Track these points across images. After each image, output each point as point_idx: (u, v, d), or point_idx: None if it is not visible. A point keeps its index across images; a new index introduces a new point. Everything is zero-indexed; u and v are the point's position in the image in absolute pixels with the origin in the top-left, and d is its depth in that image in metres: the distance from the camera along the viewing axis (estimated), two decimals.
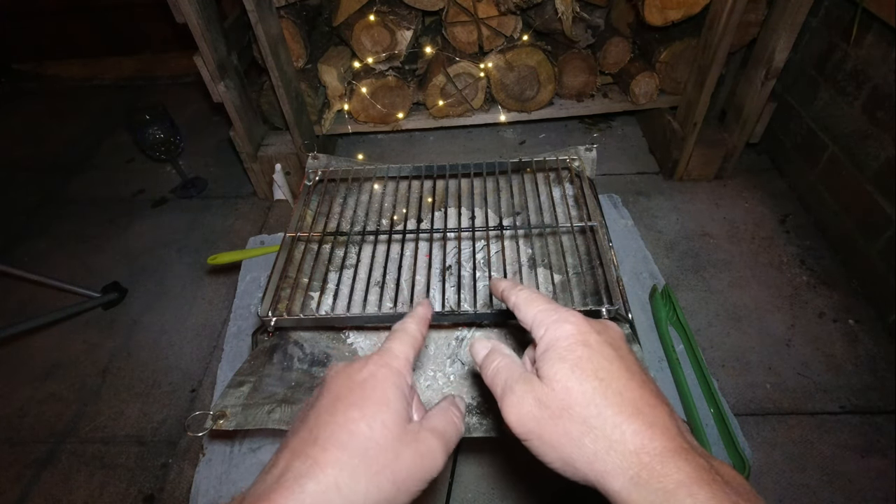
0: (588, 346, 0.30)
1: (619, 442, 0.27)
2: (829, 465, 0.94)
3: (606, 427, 0.27)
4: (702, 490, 0.24)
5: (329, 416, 0.30)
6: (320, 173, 0.79)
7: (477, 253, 0.77)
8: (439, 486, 0.93)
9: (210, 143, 1.83)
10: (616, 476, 0.26)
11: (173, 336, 1.24)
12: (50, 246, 1.51)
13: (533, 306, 0.34)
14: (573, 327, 0.31)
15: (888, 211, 1.11)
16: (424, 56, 1.49)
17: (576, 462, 0.28)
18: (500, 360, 0.34)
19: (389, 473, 0.28)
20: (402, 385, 0.32)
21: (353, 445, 0.28)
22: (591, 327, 0.32)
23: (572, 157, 0.78)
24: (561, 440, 0.29)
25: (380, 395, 0.31)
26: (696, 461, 0.26)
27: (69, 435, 1.08)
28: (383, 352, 0.34)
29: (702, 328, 1.15)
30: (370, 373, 0.32)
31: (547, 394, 0.29)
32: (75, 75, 2.30)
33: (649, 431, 0.27)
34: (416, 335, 0.36)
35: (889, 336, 1.11)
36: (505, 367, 0.33)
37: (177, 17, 1.16)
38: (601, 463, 0.27)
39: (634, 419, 0.27)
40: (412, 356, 0.35)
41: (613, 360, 0.30)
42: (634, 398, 0.28)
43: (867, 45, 1.17)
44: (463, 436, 0.36)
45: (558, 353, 0.30)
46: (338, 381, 0.32)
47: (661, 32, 1.40)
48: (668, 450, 0.26)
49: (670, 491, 0.24)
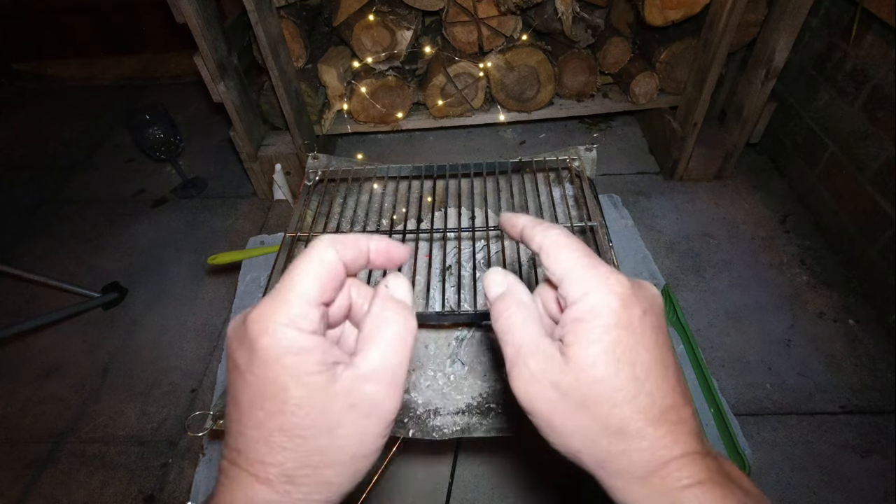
0: (631, 330, 0.25)
1: (637, 449, 0.25)
2: (829, 465, 0.94)
3: (627, 432, 0.25)
4: (710, 493, 0.24)
5: (238, 426, 0.24)
6: (320, 173, 0.79)
7: (477, 253, 0.77)
8: (439, 486, 0.93)
9: (210, 143, 1.83)
10: (624, 477, 0.25)
11: (173, 336, 1.24)
12: (50, 246, 1.51)
13: (566, 253, 0.28)
14: (618, 301, 0.25)
15: (888, 211, 1.11)
16: (424, 56, 1.49)
17: (582, 455, 0.26)
18: (514, 310, 0.28)
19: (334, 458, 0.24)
20: (296, 343, 0.23)
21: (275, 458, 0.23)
22: (637, 301, 0.26)
23: (572, 157, 0.78)
24: (573, 433, 0.26)
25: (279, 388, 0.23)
26: (710, 464, 0.25)
27: (69, 435, 1.08)
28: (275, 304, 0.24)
29: (702, 328, 1.15)
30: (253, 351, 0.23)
31: (569, 381, 0.25)
32: (75, 75, 2.30)
33: (671, 438, 0.25)
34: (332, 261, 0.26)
35: (889, 336, 1.11)
36: (521, 324, 0.28)
37: (177, 17, 1.16)
38: (612, 464, 0.25)
39: (659, 425, 0.25)
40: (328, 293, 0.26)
41: (652, 351, 0.25)
42: (664, 401, 0.25)
43: (867, 45, 1.17)
44: (463, 435, 0.33)
45: (595, 333, 0.25)
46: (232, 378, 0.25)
47: (661, 32, 1.40)
48: (686, 455, 0.25)
49: (677, 494, 0.24)
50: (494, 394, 0.61)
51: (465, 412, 0.59)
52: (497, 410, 0.59)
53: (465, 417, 0.58)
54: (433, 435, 0.58)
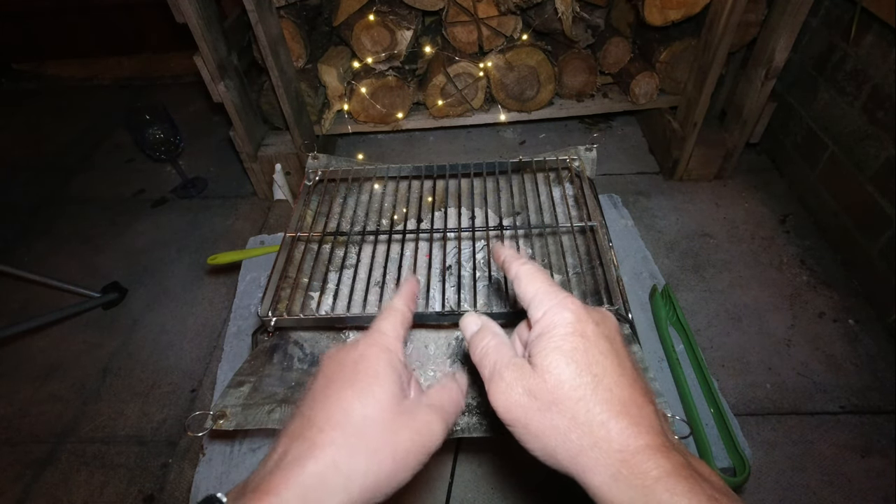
0: (585, 338, 0.29)
1: (604, 440, 0.27)
2: (829, 465, 0.94)
3: (593, 424, 0.27)
4: (679, 484, 0.25)
5: (323, 398, 0.30)
6: (320, 173, 0.79)
7: (477, 253, 0.77)
8: (439, 486, 0.93)
9: (210, 143, 1.83)
10: (597, 471, 0.27)
11: (173, 336, 1.24)
12: (50, 246, 1.51)
13: (534, 283, 0.33)
14: (572, 315, 0.30)
15: (888, 211, 1.11)
16: (424, 56, 1.49)
17: (558, 454, 0.28)
18: (489, 339, 0.33)
19: (388, 450, 0.29)
20: (394, 361, 0.32)
21: (348, 425, 0.29)
22: (589, 317, 0.31)
23: (572, 157, 0.78)
24: (546, 432, 0.28)
25: (372, 373, 0.31)
26: (675, 458, 0.26)
27: (69, 435, 1.08)
28: (373, 331, 0.34)
29: (702, 328, 1.15)
30: (360, 353, 0.32)
31: (538, 384, 0.29)
32: (75, 75, 2.30)
33: (634, 430, 0.27)
34: (404, 311, 0.36)
35: (889, 336, 1.11)
36: (494, 349, 0.33)
37: (177, 17, 1.16)
38: (584, 458, 0.27)
39: (621, 418, 0.27)
40: (402, 332, 0.35)
41: (608, 355, 0.29)
42: (624, 396, 0.28)
43: (867, 45, 1.17)
44: (463, 435, 0.37)
45: (554, 341, 0.30)
46: (330, 365, 0.32)
47: (661, 32, 1.40)
48: (650, 447, 0.26)
49: (648, 486, 0.25)
50: None
51: (466, 412, 0.59)
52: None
53: (465, 417, 0.58)
54: None
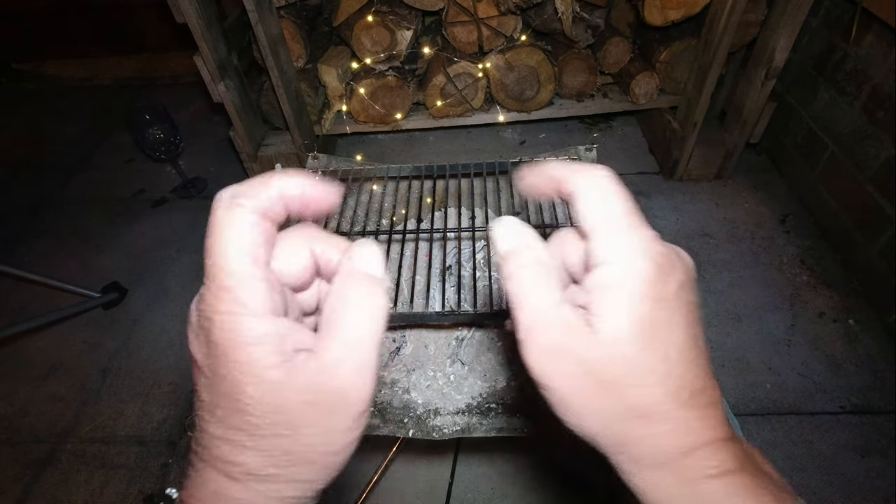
0: (665, 305, 0.22)
1: (663, 433, 0.22)
2: (829, 465, 0.94)
3: (654, 415, 0.22)
4: (741, 482, 0.22)
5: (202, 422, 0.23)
6: (320, 173, 0.79)
7: (477, 253, 0.77)
8: (439, 486, 0.93)
9: (210, 143, 1.83)
10: (645, 461, 0.23)
11: (173, 336, 1.24)
12: (50, 246, 1.51)
13: (607, 202, 0.24)
14: (655, 269, 0.23)
15: (888, 211, 1.11)
16: (424, 56, 1.49)
17: (599, 437, 0.23)
18: (532, 268, 0.24)
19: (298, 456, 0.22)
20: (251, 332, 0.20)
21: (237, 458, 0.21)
22: (674, 272, 0.23)
23: (572, 157, 0.78)
24: (592, 412, 0.23)
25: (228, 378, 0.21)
26: (736, 451, 0.23)
27: (69, 435, 1.08)
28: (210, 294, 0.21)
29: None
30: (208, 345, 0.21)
31: (595, 356, 0.22)
32: (75, 75, 2.30)
33: (700, 423, 0.23)
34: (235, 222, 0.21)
35: (889, 336, 1.11)
36: (539, 286, 0.24)
37: (177, 17, 1.16)
38: (633, 447, 0.23)
39: (688, 409, 0.22)
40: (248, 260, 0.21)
41: (685, 329, 0.23)
42: (694, 383, 0.23)
43: (867, 45, 1.17)
44: (463, 435, 0.31)
45: (626, 301, 0.22)
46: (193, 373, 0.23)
47: (661, 32, 1.40)
48: (714, 440, 0.23)
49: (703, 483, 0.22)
50: (494, 394, 0.61)
51: (465, 412, 0.59)
52: (497, 410, 0.59)
53: (465, 417, 0.59)
54: (433, 435, 0.58)
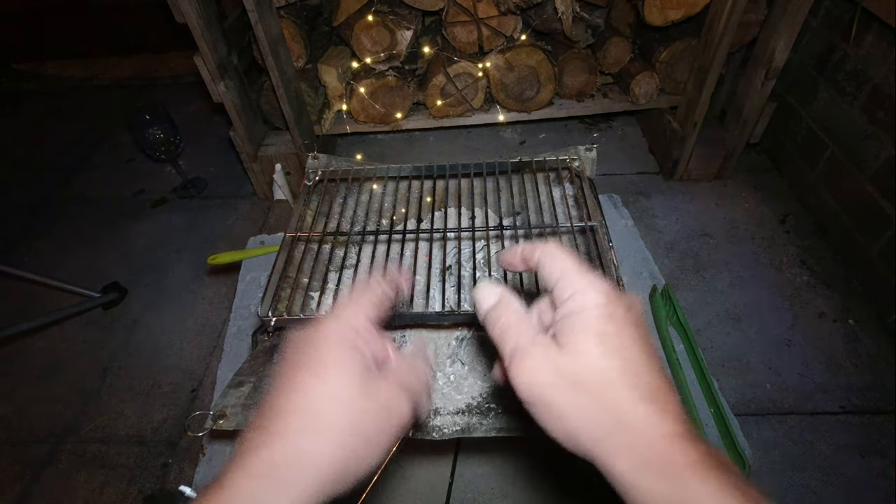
0: (614, 321, 0.29)
1: (631, 425, 0.26)
2: (829, 465, 0.94)
3: (621, 408, 0.27)
4: (708, 474, 0.24)
5: (284, 384, 0.30)
6: (320, 173, 0.79)
7: (477, 253, 0.77)
8: (439, 486, 0.93)
9: (210, 143, 1.83)
10: (621, 456, 0.26)
11: (173, 336, 1.24)
12: (50, 246, 1.51)
13: (561, 262, 0.32)
14: (603, 297, 0.29)
15: (888, 211, 1.11)
16: (424, 56, 1.49)
17: (580, 437, 0.28)
18: (509, 315, 0.32)
19: (352, 430, 0.29)
20: (356, 340, 0.32)
21: (308, 408, 0.28)
22: (619, 301, 0.30)
23: (572, 157, 0.78)
24: (570, 413, 0.28)
25: (334, 354, 0.30)
26: (702, 447, 0.26)
27: (69, 435, 1.08)
28: (336, 308, 0.34)
29: (702, 328, 1.15)
30: (321, 334, 0.32)
31: (567, 364, 0.28)
32: (75, 75, 2.30)
33: (661, 416, 0.26)
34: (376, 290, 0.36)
35: (889, 336, 1.11)
36: (516, 325, 0.31)
37: (177, 17, 1.16)
38: (608, 443, 0.27)
39: (649, 403, 0.27)
40: (371, 311, 0.34)
41: (636, 341, 0.28)
42: (651, 383, 0.27)
43: (867, 45, 1.17)
44: (463, 435, 0.36)
45: (584, 322, 0.28)
46: (292, 349, 0.32)
47: (661, 32, 1.40)
48: (678, 435, 0.26)
49: (677, 474, 0.25)
50: (494, 394, 0.61)
51: (465, 412, 0.59)
52: (497, 410, 0.59)
53: (465, 417, 0.59)
54: (433, 435, 0.58)
